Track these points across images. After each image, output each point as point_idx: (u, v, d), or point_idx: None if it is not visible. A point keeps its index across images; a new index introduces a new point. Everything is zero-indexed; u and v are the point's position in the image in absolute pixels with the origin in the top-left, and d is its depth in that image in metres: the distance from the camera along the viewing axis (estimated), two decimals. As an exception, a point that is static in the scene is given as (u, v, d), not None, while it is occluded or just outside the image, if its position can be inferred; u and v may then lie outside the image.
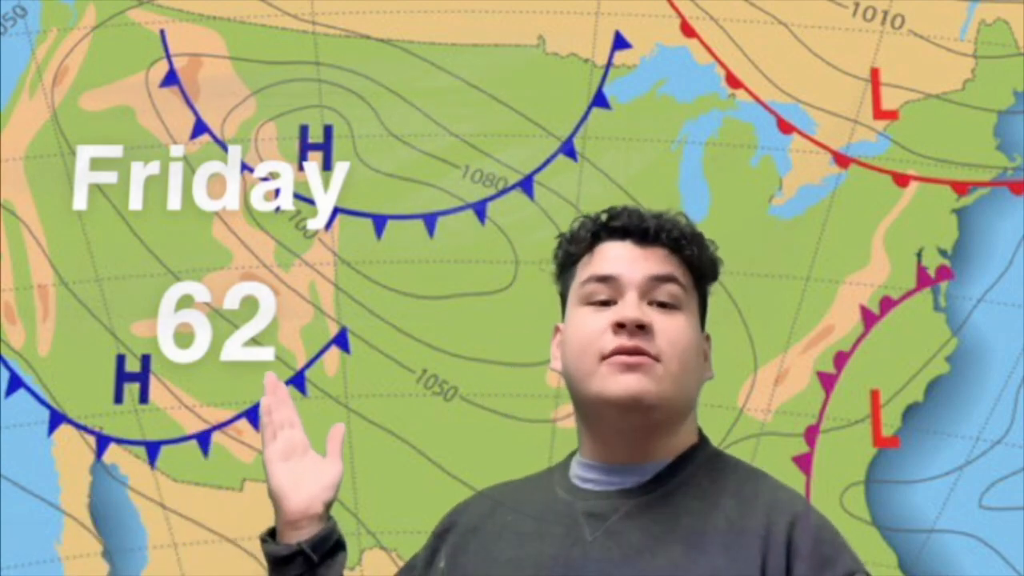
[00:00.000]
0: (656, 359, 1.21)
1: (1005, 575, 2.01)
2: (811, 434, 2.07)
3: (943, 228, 2.14)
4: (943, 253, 2.13)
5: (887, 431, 2.07)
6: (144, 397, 2.08)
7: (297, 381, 2.09)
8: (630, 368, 1.20)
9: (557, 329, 1.33)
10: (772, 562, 1.17)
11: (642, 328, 1.22)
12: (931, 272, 2.12)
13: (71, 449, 2.07)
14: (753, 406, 2.08)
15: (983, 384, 2.08)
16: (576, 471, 1.29)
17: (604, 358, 1.22)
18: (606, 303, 1.25)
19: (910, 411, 2.08)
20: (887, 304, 2.11)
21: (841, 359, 2.09)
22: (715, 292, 1.35)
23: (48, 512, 2.04)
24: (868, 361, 2.09)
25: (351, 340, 2.11)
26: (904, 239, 2.14)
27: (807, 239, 2.13)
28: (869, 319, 2.11)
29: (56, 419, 2.07)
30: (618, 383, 1.20)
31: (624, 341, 1.21)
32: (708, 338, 1.33)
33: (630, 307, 1.23)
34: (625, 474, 1.25)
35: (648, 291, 1.25)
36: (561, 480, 1.29)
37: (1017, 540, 2.02)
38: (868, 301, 2.12)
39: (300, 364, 2.10)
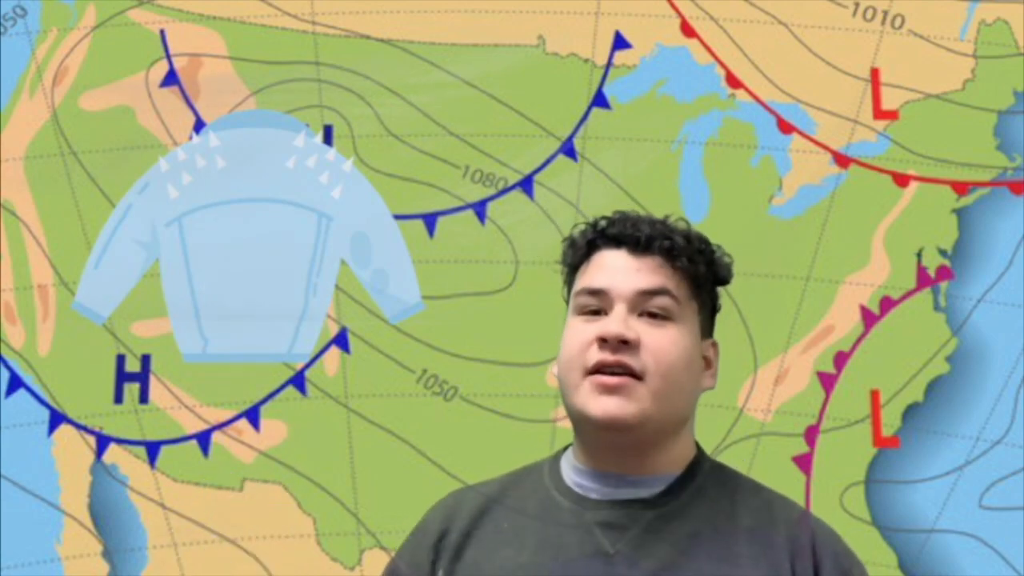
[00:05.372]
0: (639, 376, 1.20)
1: (1005, 575, 2.01)
2: (811, 434, 2.07)
3: (943, 228, 2.15)
4: (943, 253, 2.13)
5: (887, 431, 2.07)
6: (144, 397, 2.08)
7: (297, 381, 2.09)
8: (610, 390, 1.20)
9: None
10: (801, 573, 1.19)
11: (626, 343, 1.21)
12: (931, 272, 2.12)
13: (71, 449, 2.07)
14: (753, 406, 2.08)
15: (983, 384, 2.08)
16: (573, 477, 1.27)
17: (588, 372, 1.22)
18: (597, 313, 1.25)
19: (910, 411, 2.08)
20: (887, 304, 2.11)
21: (841, 359, 2.09)
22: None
23: (48, 512, 2.04)
24: (868, 361, 2.09)
25: (351, 340, 2.11)
26: (904, 239, 2.14)
27: (807, 239, 2.13)
28: (869, 319, 2.11)
29: (56, 419, 2.07)
30: (598, 404, 1.20)
31: (607, 356, 1.21)
32: (715, 345, 1.32)
33: (614, 322, 1.22)
34: (634, 485, 1.24)
35: (638, 304, 1.24)
36: (556, 483, 1.28)
37: (1017, 540, 2.02)
38: (868, 301, 2.12)
39: (300, 364, 2.10)
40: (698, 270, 1.29)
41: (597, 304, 1.26)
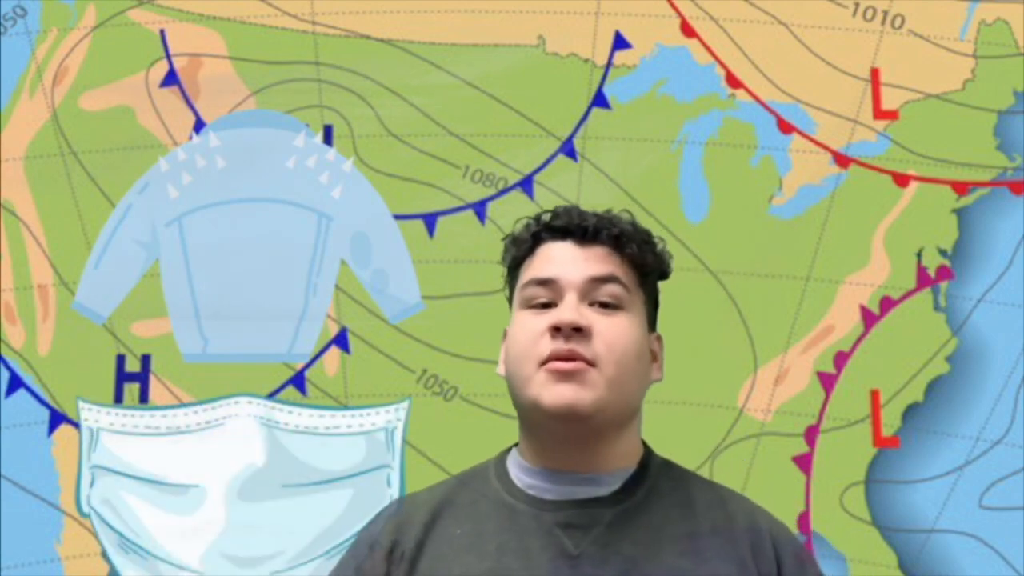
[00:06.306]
0: (592, 364, 1.19)
1: (1005, 575, 2.01)
2: (811, 434, 2.07)
3: (943, 228, 2.15)
4: (943, 253, 2.13)
5: (887, 431, 2.07)
6: (144, 397, 2.08)
7: (297, 381, 2.09)
8: (565, 377, 1.18)
9: (506, 333, 1.31)
10: (764, 567, 1.19)
11: (579, 331, 1.19)
12: (931, 272, 2.12)
13: (71, 449, 2.07)
14: (753, 406, 2.08)
15: (983, 384, 2.08)
16: (524, 478, 1.25)
17: (542, 364, 1.20)
18: (546, 305, 1.24)
19: (910, 411, 2.08)
20: (887, 304, 2.11)
21: (841, 359, 2.09)
22: (715, 292, 1.35)
23: (48, 512, 2.04)
24: (868, 361, 2.09)
25: (351, 340, 2.11)
26: (904, 239, 2.14)
27: (807, 239, 2.13)
28: (869, 319, 2.11)
29: (56, 419, 2.07)
30: (552, 393, 1.18)
31: (560, 345, 1.19)
32: (659, 339, 1.31)
33: (567, 310, 1.21)
34: (589, 483, 1.22)
35: (588, 292, 1.23)
36: (506, 486, 1.26)
37: (1017, 540, 2.02)
38: (868, 301, 2.12)
39: (300, 364, 2.10)
40: (645, 259, 1.28)
41: (546, 295, 1.24)
